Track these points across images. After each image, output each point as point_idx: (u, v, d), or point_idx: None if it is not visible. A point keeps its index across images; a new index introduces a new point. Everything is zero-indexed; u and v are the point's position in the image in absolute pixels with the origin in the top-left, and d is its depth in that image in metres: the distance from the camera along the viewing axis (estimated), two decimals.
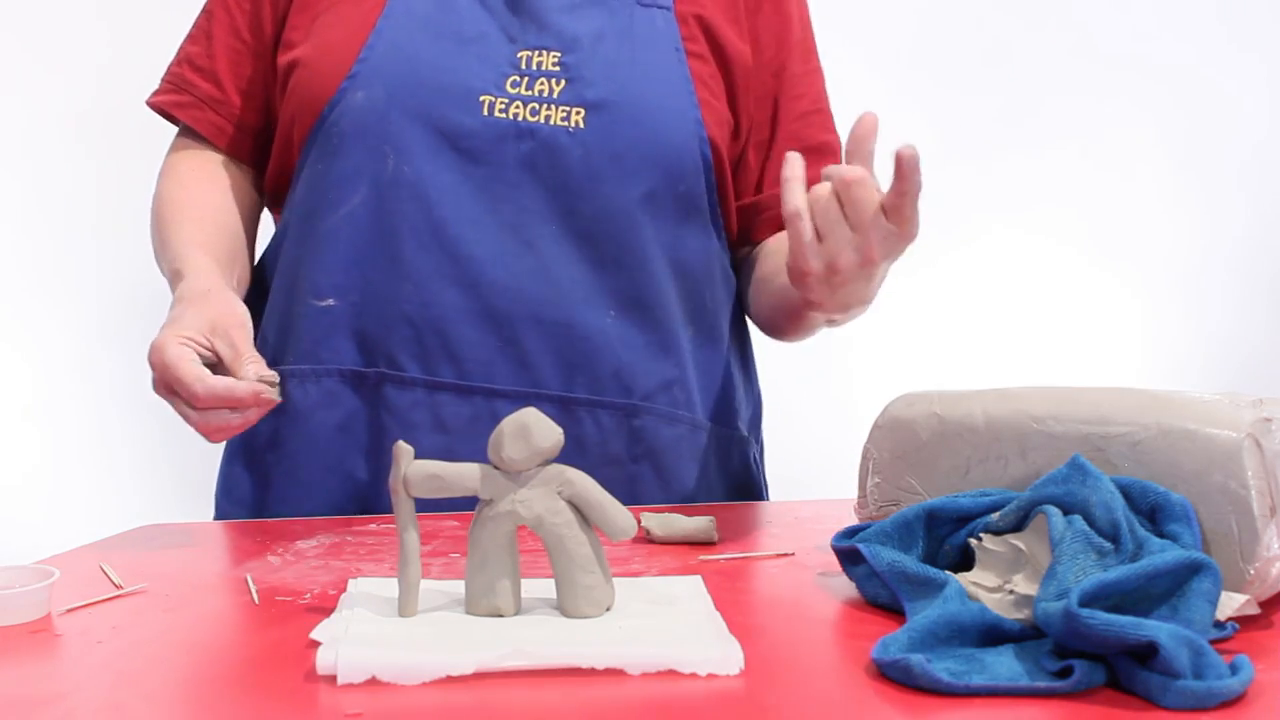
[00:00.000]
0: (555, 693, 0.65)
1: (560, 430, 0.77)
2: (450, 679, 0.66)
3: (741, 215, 1.29)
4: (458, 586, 0.80)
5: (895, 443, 0.89)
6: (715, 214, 1.23)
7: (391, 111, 1.15)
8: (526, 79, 1.16)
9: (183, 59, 1.31)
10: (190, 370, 0.99)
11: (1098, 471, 0.75)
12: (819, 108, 1.31)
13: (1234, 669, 0.62)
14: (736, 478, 1.27)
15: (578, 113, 1.16)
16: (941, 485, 0.86)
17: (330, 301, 1.17)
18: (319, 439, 1.17)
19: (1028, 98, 2.61)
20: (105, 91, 2.39)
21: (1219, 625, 0.69)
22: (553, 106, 1.16)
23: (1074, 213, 2.66)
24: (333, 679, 0.66)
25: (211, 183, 1.28)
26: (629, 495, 1.17)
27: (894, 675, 0.65)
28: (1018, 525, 0.77)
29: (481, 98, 1.15)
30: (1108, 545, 0.71)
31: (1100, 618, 0.63)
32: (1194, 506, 0.74)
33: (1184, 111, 2.68)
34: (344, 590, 0.83)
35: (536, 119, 1.15)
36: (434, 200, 1.15)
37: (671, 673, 0.66)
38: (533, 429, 0.76)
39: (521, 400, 1.14)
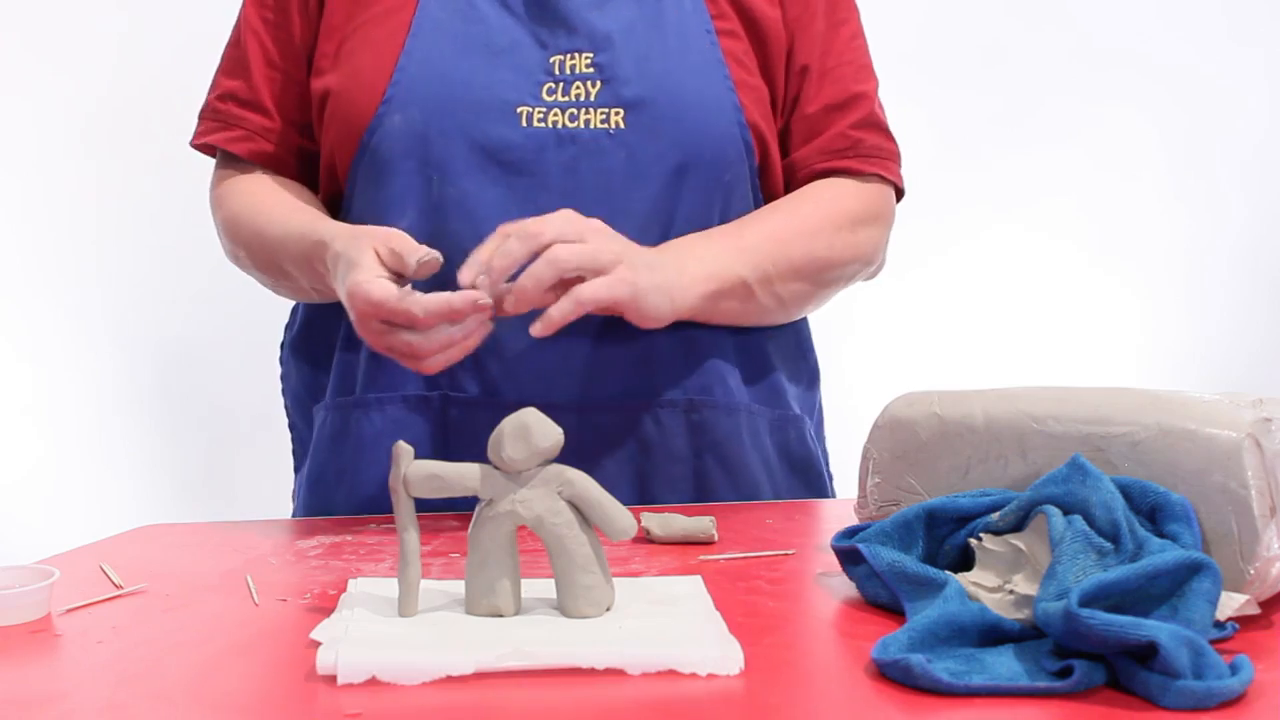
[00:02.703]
0: (555, 693, 0.65)
1: (560, 430, 0.77)
2: (450, 679, 0.66)
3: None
4: (458, 586, 0.80)
5: (895, 443, 0.89)
6: (758, 195, 1.22)
7: (430, 132, 1.15)
8: (562, 84, 1.15)
9: (223, 94, 1.29)
10: (402, 296, 1.00)
11: (1098, 471, 0.75)
12: (849, 60, 1.26)
13: (1234, 669, 0.62)
14: (796, 458, 1.25)
15: (617, 113, 1.15)
16: (941, 485, 0.86)
17: None
18: (388, 466, 1.16)
19: (1027, 97, 2.61)
20: (108, 92, 2.40)
21: (1219, 625, 0.69)
22: (591, 110, 1.15)
23: (1074, 212, 2.66)
24: (333, 679, 0.66)
25: (282, 188, 1.26)
26: (697, 490, 1.18)
27: (894, 675, 0.65)
28: (1018, 525, 0.77)
29: (519, 109, 1.14)
30: (1108, 545, 0.71)
31: (1100, 618, 0.63)
32: (1194, 506, 0.74)
33: (1184, 110, 2.68)
34: (344, 590, 0.83)
35: (576, 124, 1.14)
36: (481, 217, 1.14)
37: (671, 673, 0.67)
38: (533, 429, 0.76)
39: (583, 411, 1.13)
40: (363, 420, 1.18)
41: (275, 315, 1.42)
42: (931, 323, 2.54)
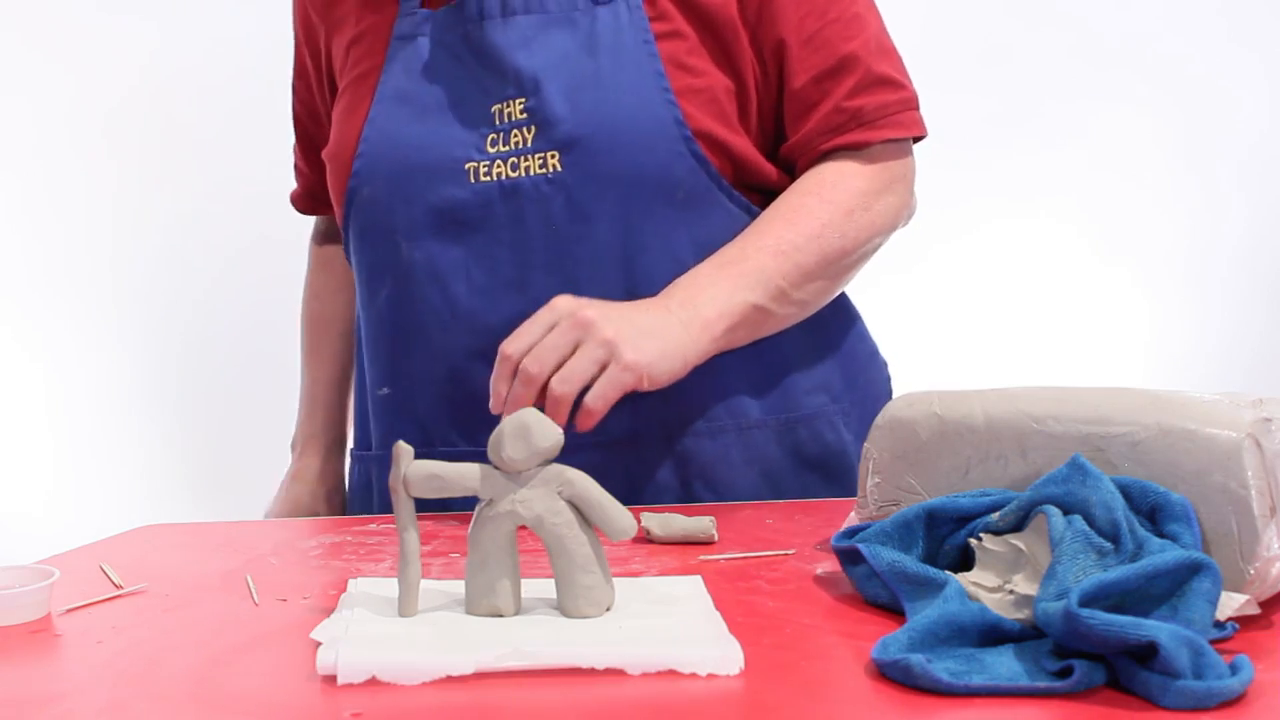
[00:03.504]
0: (555, 693, 0.65)
1: (560, 430, 0.77)
2: (450, 679, 0.66)
3: (782, 162, 1.21)
4: (458, 586, 0.80)
5: (895, 443, 0.89)
6: (735, 197, 1.17)
7: (393, 200, 1.17)
8: (502, 134, 1.15)
9: (294, 151, 1.40)
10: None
11: (1098, 471, 0.75)
12: (833, 18, 1.17)
13: (1234, 669, 0.62)
14: (811, 457, 1.22)
15: (553, 156, 1.13)
16: (941, 485, 0.86)
17: (385, 391, 1.22)
18: None
19: (1028, 97, 2.61)
20: (125, 92, 2.40)
21: (1219, 625, 0.69)
22: (530, 156, 1.14)
23: (1074, 212, 2.66)
24: (333, 679, 0.66)
25: (337, 288, 1.40)
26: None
27: (894, 675, 0.65)
28: (1018, 525, 0.77)
29: (466, 165, 1.15)
30: (1108, 545, 0.71)
31: (1100, 618, 0.63)
32: (1194, 506, 0.74)
33: (1184, 110, 2.68)
34: (344, 590, 0.83)
35: (517, 173, 1.14)
36: (447, 278, 1.16)
37: (671, 673, 0.66)
38: (533, 429, 0.76)
39: (571, 451, 1.13)
40: (383, 475, 1.20)
41: (283, 316, 1.44)
42: (932, 322, 2.54)
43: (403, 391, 1.20)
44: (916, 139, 1.23)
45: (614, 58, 1.14)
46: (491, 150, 1.15)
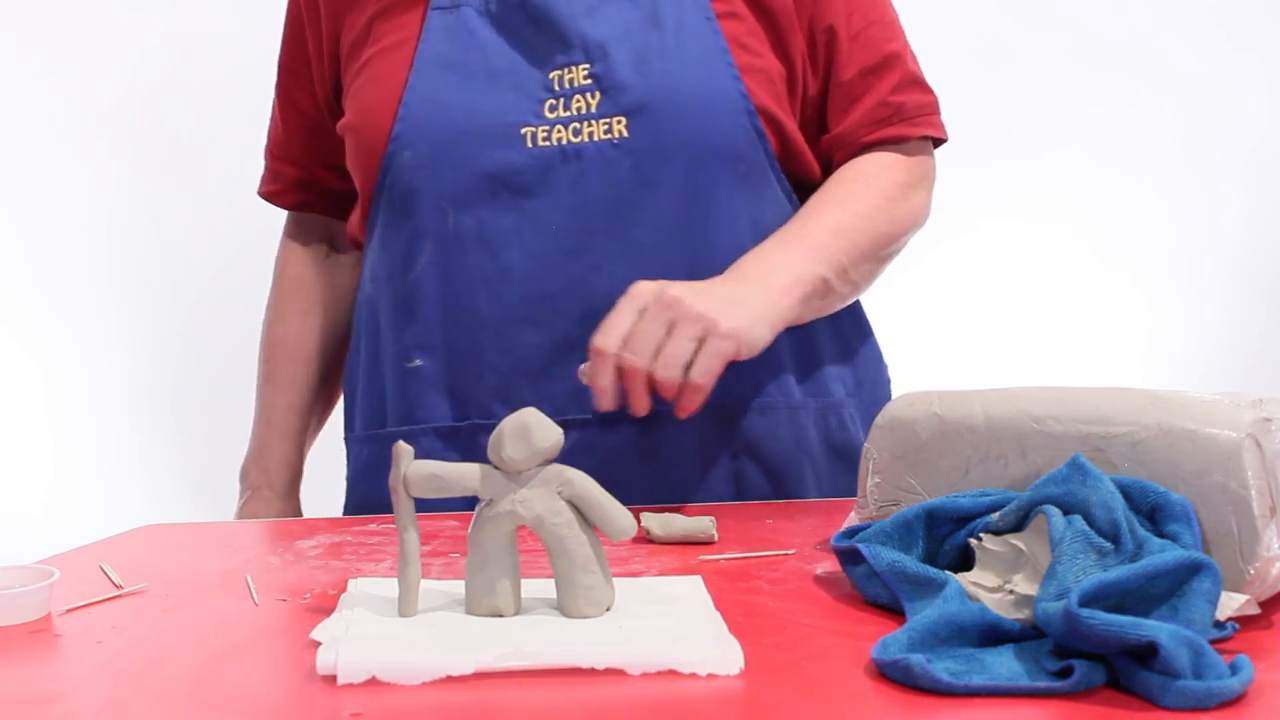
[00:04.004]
0: (555, 693, 0.65)
1: (560, 430, 0.77)
2: (450, 679, 0.66)
3: (819, 155, 1.25)
4: (458, 586, 0.80)
5: (895, 443, 0.89)
6: (782, 179, 1.20)
7: (439, 165, 1.15)
8: (563, 99, 1.15)
9: (269, 147, 1.37)
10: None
11: (1098, 471, 0.75)
12: (875, 19, 1.23)
13: (1234, 669, 0.62)
14: (837, 445, 1.24)
15: (619, 122, 1.13)
16: (941, 485, 0.86)
17: (418, 362, 1.19)
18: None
19: (1028, 98, 2.61)
20: (122, 91, 2.40)
21: (1219, 625, 0.69)
22: (594, 121, 1.14)
23: (1074, 212, 2.66)
24: (333, 679, 0.66)
25: (304, 311, 1.38)
26: (736, 493, 1.18)
27: (894, 675, 0.65)
28: (1018, 525, 0.77)
29: (523, 130, 1.14)
30: (1108, 545, 0.71)
31: (1100, 618, 0.63)
32: (1194, 506, 0.74)
33: (1184, 111, 2.68)
34: (344, 590, 0.83)
35: (580, 139, 1.14)
36: (499, 244, 1.15)
37: (671, 673, 0.66)
38: (533, 429, 0.76)
39: (616, 425, 1.13)
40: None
41: None
42: (932, 322, 2.54)
43: (438, 363, 1.18)
44: (938, 143, 1.28)
45: (678, 32, 1.16)
46: (550, 115, 1.14)
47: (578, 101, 1.14)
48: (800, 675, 0.68)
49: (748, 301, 1.07)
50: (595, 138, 1.14)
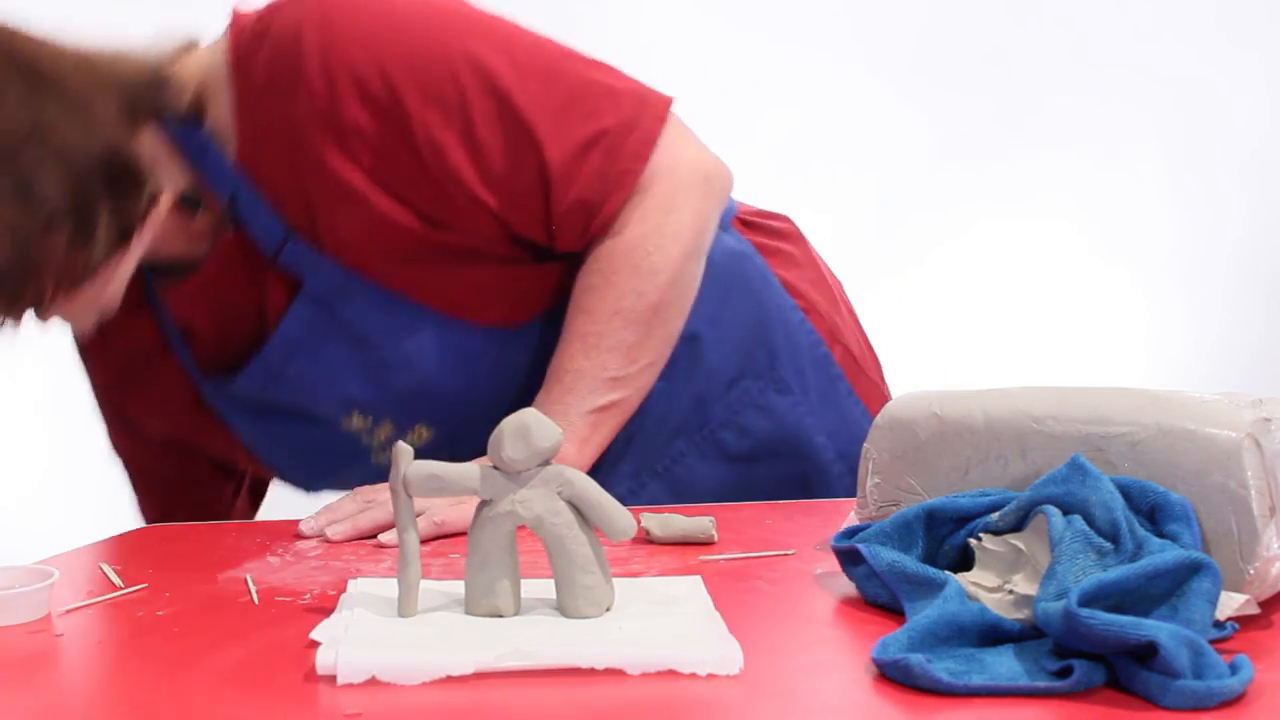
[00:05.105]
0: (555, 693, 0.65)
1: (560, 430, 0.77)
2: (450, 679, 0.66)
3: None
4: (458, 586, 0.80)
5: (895, 443, 0.89)
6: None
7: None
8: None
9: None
10: None
11: (1097, 471, 0.75)
12: (505, 155, 1.06)
13: (1234, 669, 0.62)
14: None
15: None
16: (941, 485, 0.86)
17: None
18: None
19: (1027, 99, 2.61)
20: None
21: (1219, 625, 0.69)
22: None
23: (1074, 213, 2.66)
24: (333, 679, 0.66)
25: None
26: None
27: (894, 675, 0.65)
28: (1017, 525, 0.77)
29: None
30: (1107, 545, 0.71)
31: (1100, 618, 0.63)
32: (1194, 506, 0.74)
33: (1184, 110, 2.68)
34: (344, 590, 0.83)
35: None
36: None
37: (671, 673, 0.67)
38: (533, 429, 0.76)
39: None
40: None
41: None
42: (931, 322, 2.54)
43: None
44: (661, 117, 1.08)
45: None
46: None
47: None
48: (800, 675, 0.68)
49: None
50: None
